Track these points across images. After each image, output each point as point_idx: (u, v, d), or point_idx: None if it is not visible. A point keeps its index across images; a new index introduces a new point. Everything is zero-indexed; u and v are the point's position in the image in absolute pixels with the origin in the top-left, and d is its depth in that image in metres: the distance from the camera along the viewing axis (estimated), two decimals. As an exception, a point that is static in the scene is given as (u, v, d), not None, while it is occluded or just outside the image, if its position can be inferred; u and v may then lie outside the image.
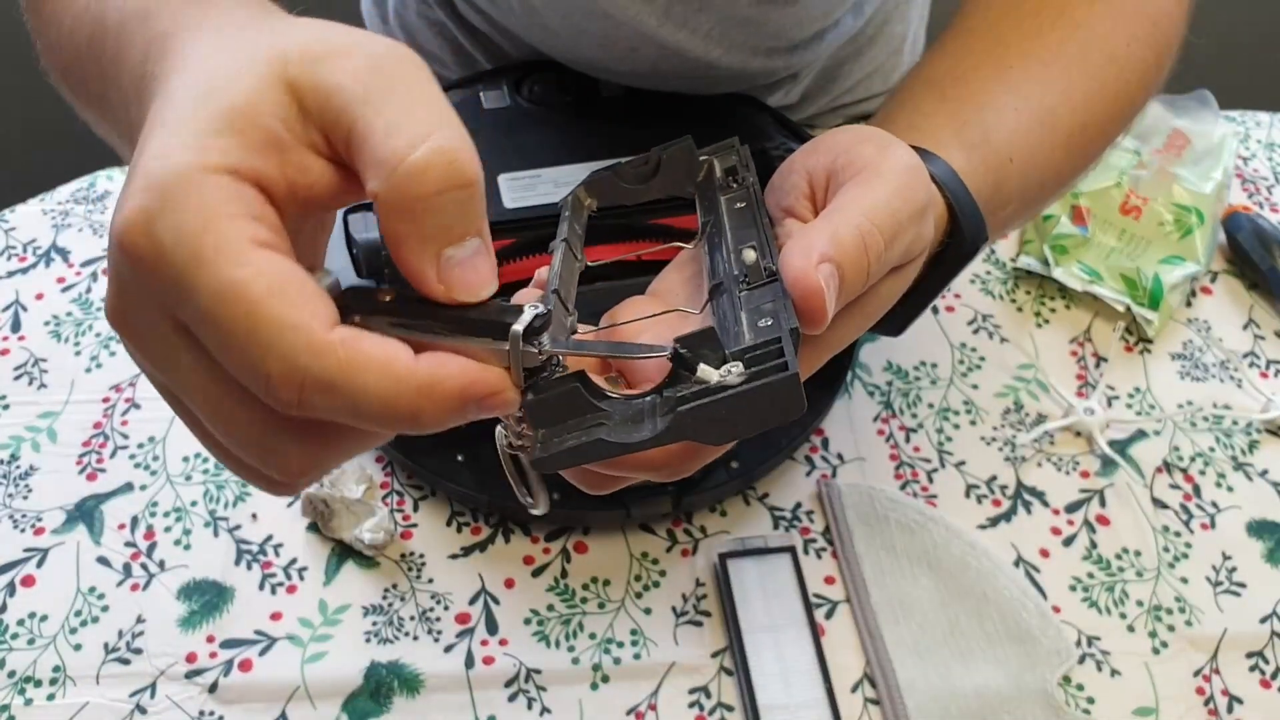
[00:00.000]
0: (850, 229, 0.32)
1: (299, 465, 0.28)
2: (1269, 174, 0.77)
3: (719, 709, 0.53)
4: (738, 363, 0.29)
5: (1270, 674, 0.55)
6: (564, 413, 0.29)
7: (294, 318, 0.25)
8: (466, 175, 0.27)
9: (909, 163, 0.35)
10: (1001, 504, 0.60)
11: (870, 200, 0.33)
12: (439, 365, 0.27)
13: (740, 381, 0.28)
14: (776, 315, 0.31)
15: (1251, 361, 0.67)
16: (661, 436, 0.29)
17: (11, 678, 0.53)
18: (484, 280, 0.28)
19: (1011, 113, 0.45)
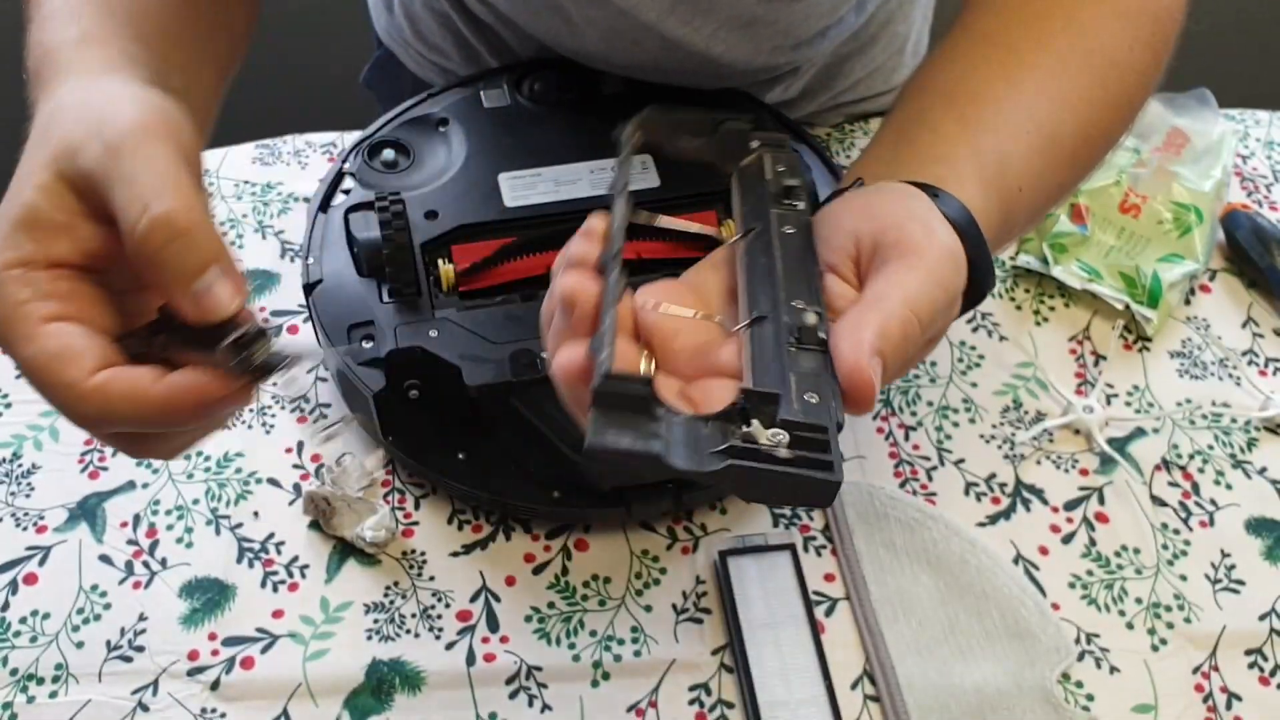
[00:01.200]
0: (897, 322, 0.34)
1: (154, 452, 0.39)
2: (1268, 172, 0.77)
3: (719, 706, 0.53)
4: (784, 433, 0.31)
5: (1269, 671, 0.55)
6: (625, 410, 0.31)
7: (65, 377, 0.35)
8: (179, 228, 0.34)
9: (950, 249, 0.37)
10: (1001, 502, 0.60)
11: (915, 290, 0.35)
12: (174, 384, 0.35)
13: (789, 460, 0.30)
14: (822, 393, 0.33)
15: (1250, 359, 0.67)
16: (706, 476, 0.31)
17: (14, 675, 0.53)
18: (225, 301, 0.35)
19: (1025, 137, 0.46)
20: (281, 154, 0.75)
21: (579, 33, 0.64)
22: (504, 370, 0.54)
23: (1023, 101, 0.47)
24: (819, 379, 0.33)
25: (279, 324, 0.67)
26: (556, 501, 0.57)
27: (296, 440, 0.62)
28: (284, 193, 0.73)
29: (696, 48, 0.62)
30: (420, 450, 0.58)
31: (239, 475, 0.60)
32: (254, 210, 0.72)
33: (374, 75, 0.86)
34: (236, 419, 0.62)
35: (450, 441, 0.58)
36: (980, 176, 0.44)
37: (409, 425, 0.58)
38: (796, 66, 0.72)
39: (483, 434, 0.58)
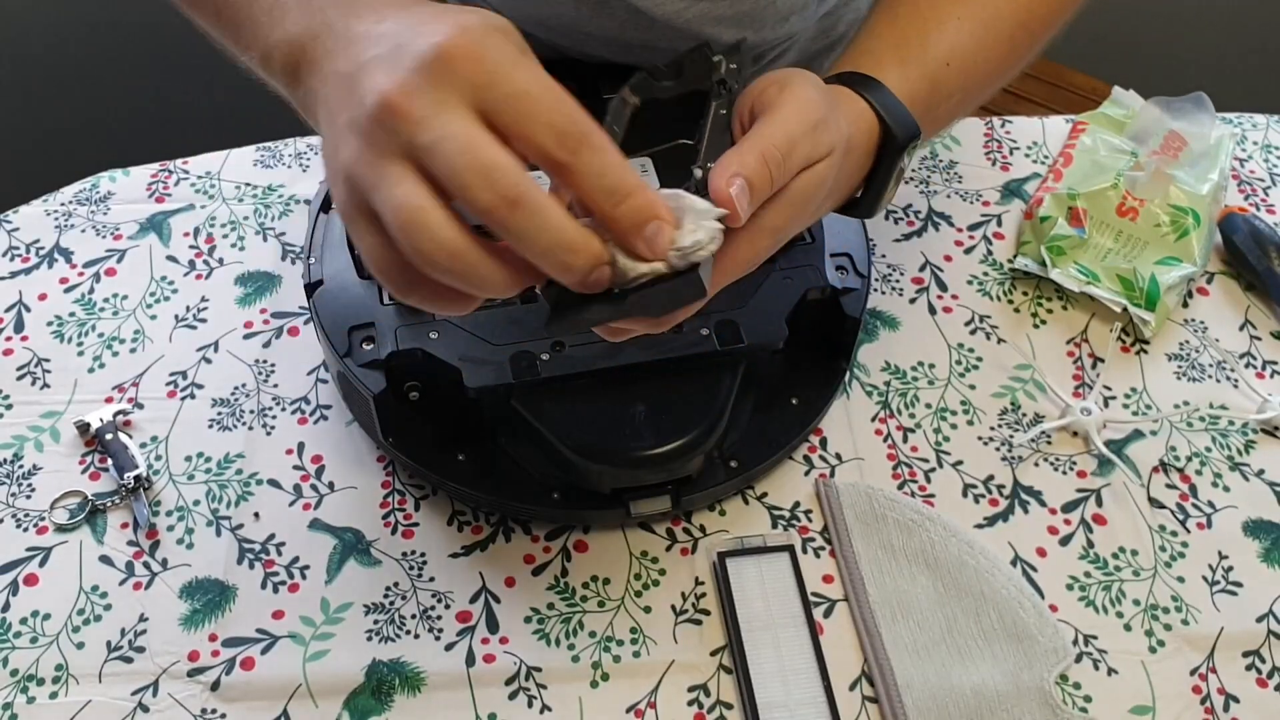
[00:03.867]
0: (752, 150, 0.42)
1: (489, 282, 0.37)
2: (1265, 175, 0.77)
3: (718, 707, 0.53)
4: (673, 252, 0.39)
5: (1266, 673, 0.55)
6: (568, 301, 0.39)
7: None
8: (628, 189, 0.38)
9: (802, 94, 0.44)
10: (999, 503, 0.60)
11: (768, 128, 0.42)
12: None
13: (663, 271, 0.39)
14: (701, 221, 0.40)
15: (1248, 362, 0.67)
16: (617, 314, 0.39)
17: (14, 676, 0.53)
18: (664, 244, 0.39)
19: (954, 22, 0.54)
20: (283, 156, 0.76)
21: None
22: (504, 372, 0.55)
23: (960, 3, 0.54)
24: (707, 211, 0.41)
25: (280, 325, 0.67)
26: (556, 503, 0.57)
27: (297, 441, 0.62)
28: (285, 195, 0.73)
29: (658, 13, 0.63)
30: (420, 452, 0.58)
31: (239, 476, 0.60)
32: (255, 212, 0.72)
33: None
34: (251, 420, 0.62)
35: (450, 443, 0.58)
36: (898, 57, 0.52)
37: (409, 427, 0.58)
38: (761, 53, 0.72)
39: (483, 436, 0.58)
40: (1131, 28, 1.60)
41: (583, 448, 0.54)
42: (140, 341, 0.66)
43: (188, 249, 0.70)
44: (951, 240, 0.73)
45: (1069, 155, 0.75)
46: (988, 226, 0.74)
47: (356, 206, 0.37)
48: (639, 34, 0.65)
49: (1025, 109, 1.43)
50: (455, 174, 0.35)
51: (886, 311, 0.69)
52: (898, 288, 0.70)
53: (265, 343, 0.66)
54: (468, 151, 0.35)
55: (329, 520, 0.59)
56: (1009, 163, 0.78)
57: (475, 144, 0.35)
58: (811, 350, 0.61)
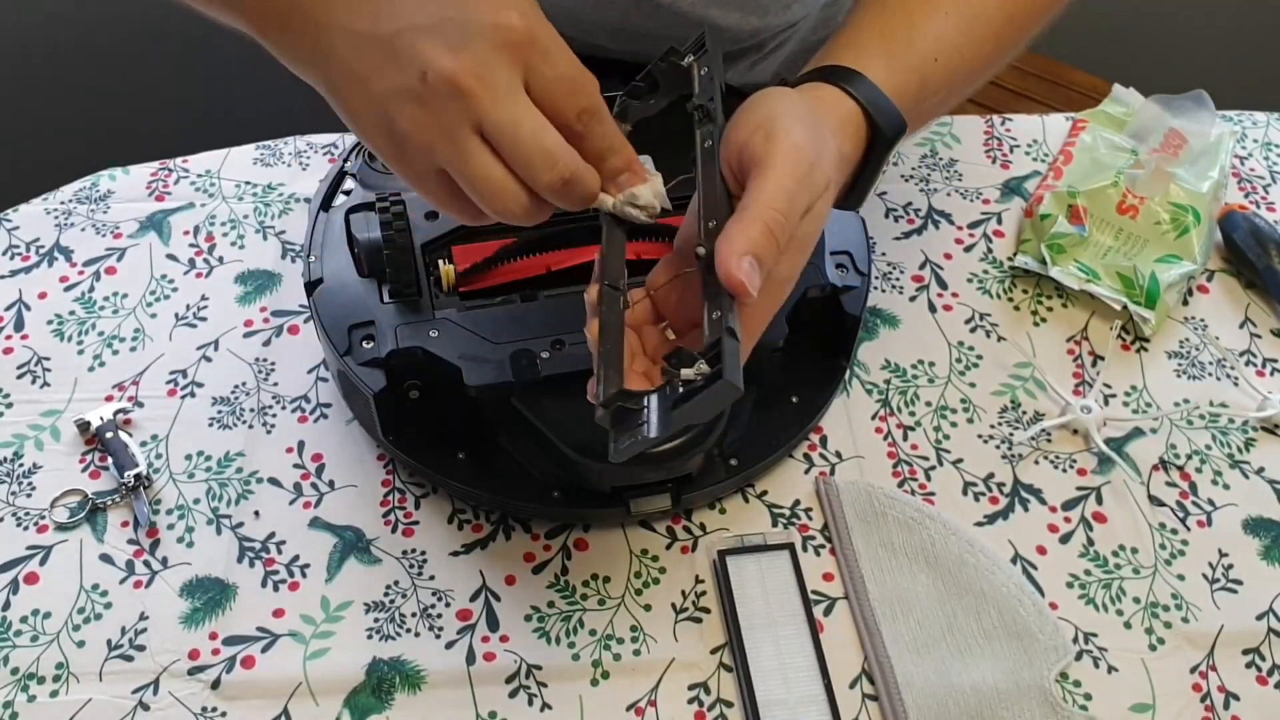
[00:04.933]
0: (756, 223, 0.42)
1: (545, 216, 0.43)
2: (1265, 173, 0.77)
3: (718, 705, 0.53)
4: (702, 360, 0.40)
5: (1267, 671, 0.55)
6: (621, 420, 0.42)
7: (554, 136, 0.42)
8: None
9: (789, 143, 0.44)
10: (999, 501, 0.60)
11: (765, 193, 0.42)
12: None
13: (700, 383, 0.40)
14: (720, 309, 0.41)
15: (1248, 360, 0.67)
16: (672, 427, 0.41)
17: (15, 675, 0.53)
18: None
19: (941, 16, 0.53)
20: (283, 155, 0.76)
21: None
22: (504, 370, 0.55)
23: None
24: (719, 296, 0.42)
25: (280, 323, 0.67)
26: (556, 501, 0.57)
27: (297, 439, 0.62)
28: (285, 193, 0.73)
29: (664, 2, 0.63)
30: (420, 450, 0.58)
31: (240, 475, 0.60)
32: (255, 211, 0.72)
33: None
34: (251, 419, 0.62)
35: (450, 441, 0.58)
36: (884, 49, 0.52)
37: (409, 425, 0.58)
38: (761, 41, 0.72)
39: (483, 434, 0.58)
40: (1132, 26, 1.60)
41: (583, 446, 0.54)
42: (140, 340, 0.66)
43: (188, 247, 0.70)
44: (951, 238, 0.73)
45: (1069, 153, 0.75)
46: (988, 224, 0.74)
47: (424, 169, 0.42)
48: (643, 22, 0.65)
49: (1025, 107, 1.43)
50: (525, 156, 0.40)
51: (886, 309, 0.69)
52: (898, 286, 0.70)
53: (265, 341, 0.66)
54: (536, 137, 0.40)
55: (329, 519, 0.59)
56: (1009, 160, 0.78)
57: (540, 130, 0.40)
58: (811, 348, 0.61)
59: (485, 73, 0.39)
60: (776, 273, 0.43)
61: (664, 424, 0.40)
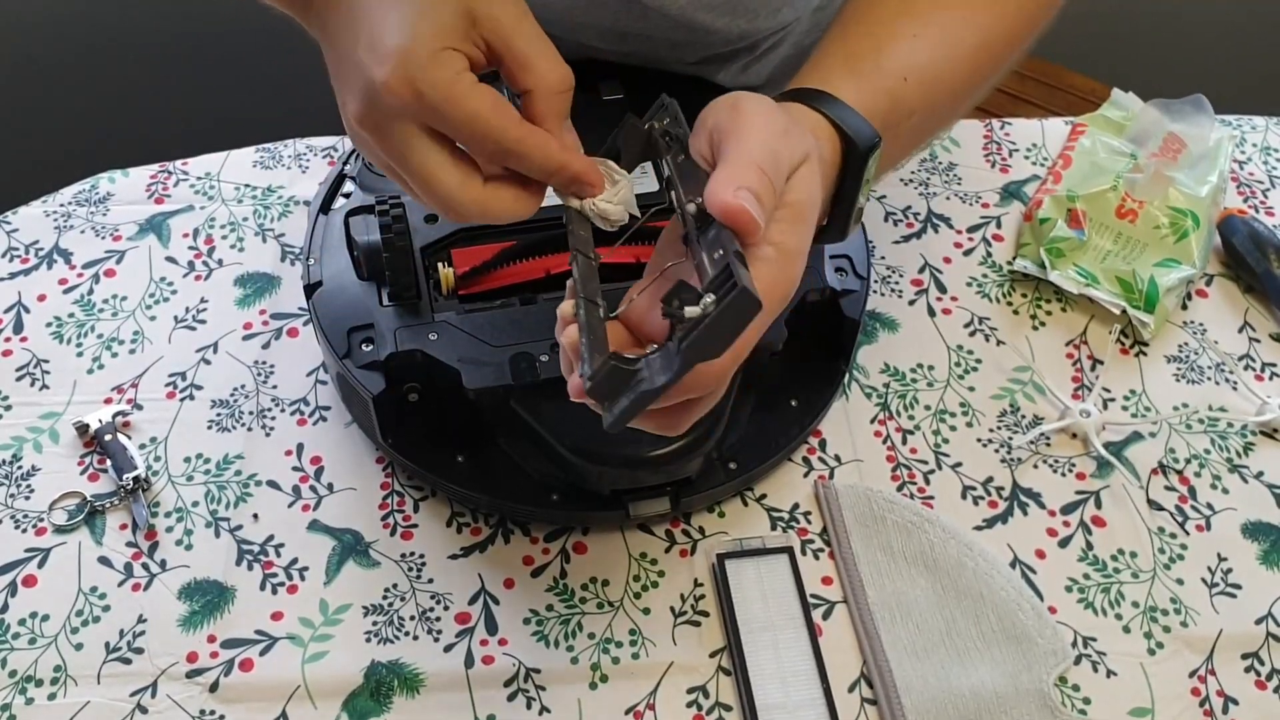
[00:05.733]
0: (739, 161, 0.41)
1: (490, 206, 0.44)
2: (1264, 178, 0.78)
3: (717, 708, 0.53)
4: (709, 294, 0.37)
5: (1265, 675, 0.55)
6: (616, 384, 0.38)
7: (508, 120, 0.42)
8: (570, 84, 0.44)
9: (759, 107, 0.44)
10: (998, 505, 0.60)
11: (745, 143, 0.42)
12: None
13: (712, 308, 0.37)
14: (723, 245, 0.39)
15: (1247, 364, 0.67)
16: (680, 370, 0.37)
17: (13, 677, 0.53)
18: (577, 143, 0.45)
19: (909, 38, 0.53)
20: (282, 158, 0.76)
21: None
22: (503, 373, 0.55)
23: (913, 12, 0.53)
24: (719, 237, 0.40)
25: (280, 326, 0.67)
26: (555, 504, 0.57)
27: (296, 442, 0.62)
28: (285, 196, 0.73)
29: (669, 11, 0.63)
30: (419, 453, 0.58)
31: (238, 478, 0.60)
32: (255, 213, 0.72)
33: None
34: (250, 423, 0.62)
35: (449, 444, 0.58)
36: (850, 70, 0.51)
37: (408, 428, 0.58)
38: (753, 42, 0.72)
39: (482, 437, 0.58)
40: (1131, 30, 1.60)
41: (582, 449, 0.54)
42: (139, 342, 0.66)
43: (187, 250, 0.70)
44: (951, 242, 0.73)
45: (1068, 157, 0.75)
46: (987, 228, 0.74)
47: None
48: (633, 23, 0.65)
49: (1024, 111, 1.43)
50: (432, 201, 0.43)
51: (886, 313, 0.69)
52: (897, 289, 0.70)
53: (264, 344, 0.66)
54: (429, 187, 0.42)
55: (328, 521, 0.59)
56: (1008, 165, 0.78)
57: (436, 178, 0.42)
58: (811, 352, 0.61)
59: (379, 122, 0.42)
60: (785, 243, 0.41)
61: (673, 366, 0.37)
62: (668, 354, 0.38)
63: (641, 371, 0.38)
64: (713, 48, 0.71)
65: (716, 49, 0.71)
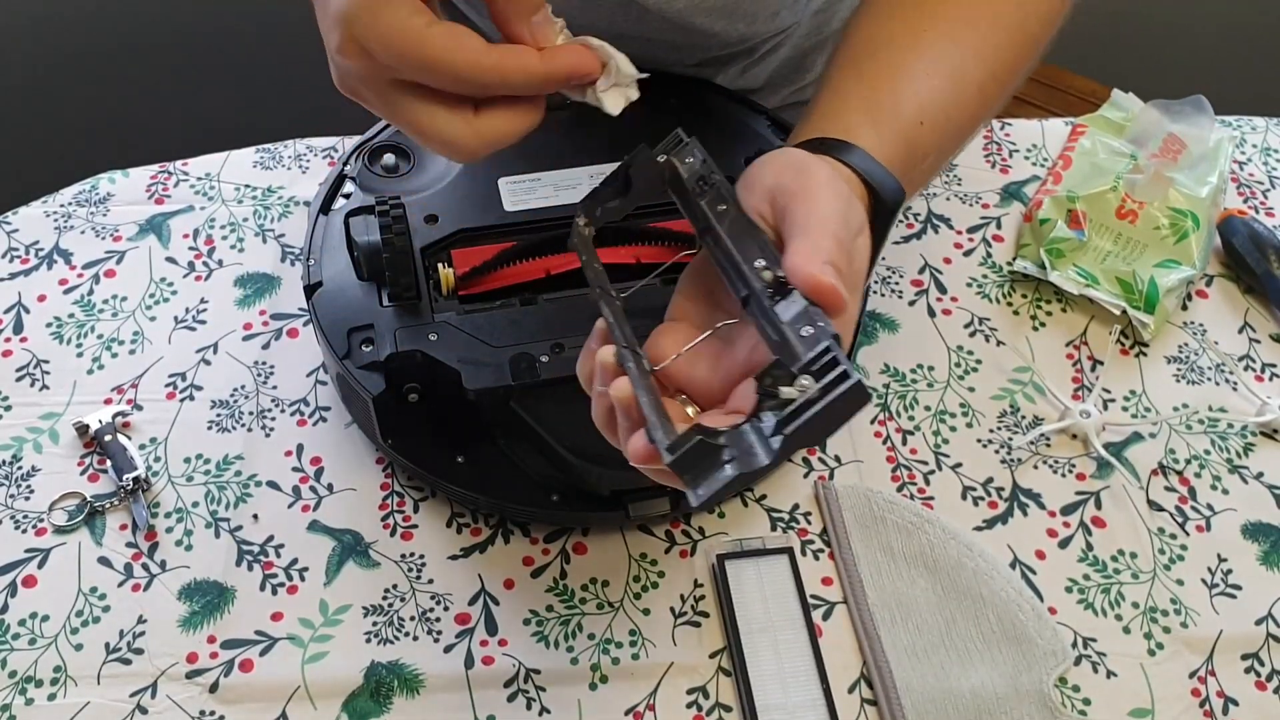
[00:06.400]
0: (825, 235, 0.40)
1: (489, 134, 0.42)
2: (1264, 178, 0.78)
3: (717, 709, 0.53)
4: (806, 376, 0.36)
5: (1265, 675, 0.55)
6: (700, 460, 0.36)
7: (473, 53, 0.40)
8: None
9: (822, 177, 0.43)
10: (998, 506, 0.60)
11: (818, 213, 0.41)
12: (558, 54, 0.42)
13: (820, 395, 0.35)
14: (813, 322, 0.37)
15: (1247, 365, 0.67)
16: (779, 456, 0.35)
17: (13, 678, 0.53)
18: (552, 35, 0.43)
19: (923, 79, 0.52)
20: (282, 158, 0.76)
21: None
22: (503, 374, 0.55)
23: (922, 48, 0.53)
24: (806, 313, 0.38)
25: (280, 327, 0.67)
26: (555, 505, 0.57)
27: (296, 443, 0.62)
28: (285, 197, 0.73)
29: (666, 14, 0.62)
30: (419, 453, 0.58)
31: (238, 478, 0.60)
32: (255, 214, 0.72)
33: None
34: (251, 425, 0.62)
35: (449, 445, 0.58)
36: (871, 119, 0.50)
37: (408, 428, 0.58)
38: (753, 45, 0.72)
39: (482, 437, 0.58)
40: (1131, 31, 1.60)
41: (581, 450, 0.54)
42: (139, 343, 0.66)
43: (187, 250, 0.70)
44: (951, 243, 0.73)
45: (1068, 158, 0.75)
46: (987, 229, 0.74)
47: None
48: (630, 25, 0.65)
49: (1024, 111, 1.43)
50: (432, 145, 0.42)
51: (886, 314, 0.69)
52: (897, 290, 0.70)
53: (264, 344, 0.66)
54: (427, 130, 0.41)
55: (328, 522, 0.59)
56: (1008, 165, 0.78)
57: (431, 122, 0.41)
58: (811, 352, 0.61)
59: (353, 87, 0.42)
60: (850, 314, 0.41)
61: (771, 449, 0.35)
62: (760, 434, 0.36)
63: (729, 450, 0.36)
64: (711, 50, 0.71)
65: (715, 52, 0.71)
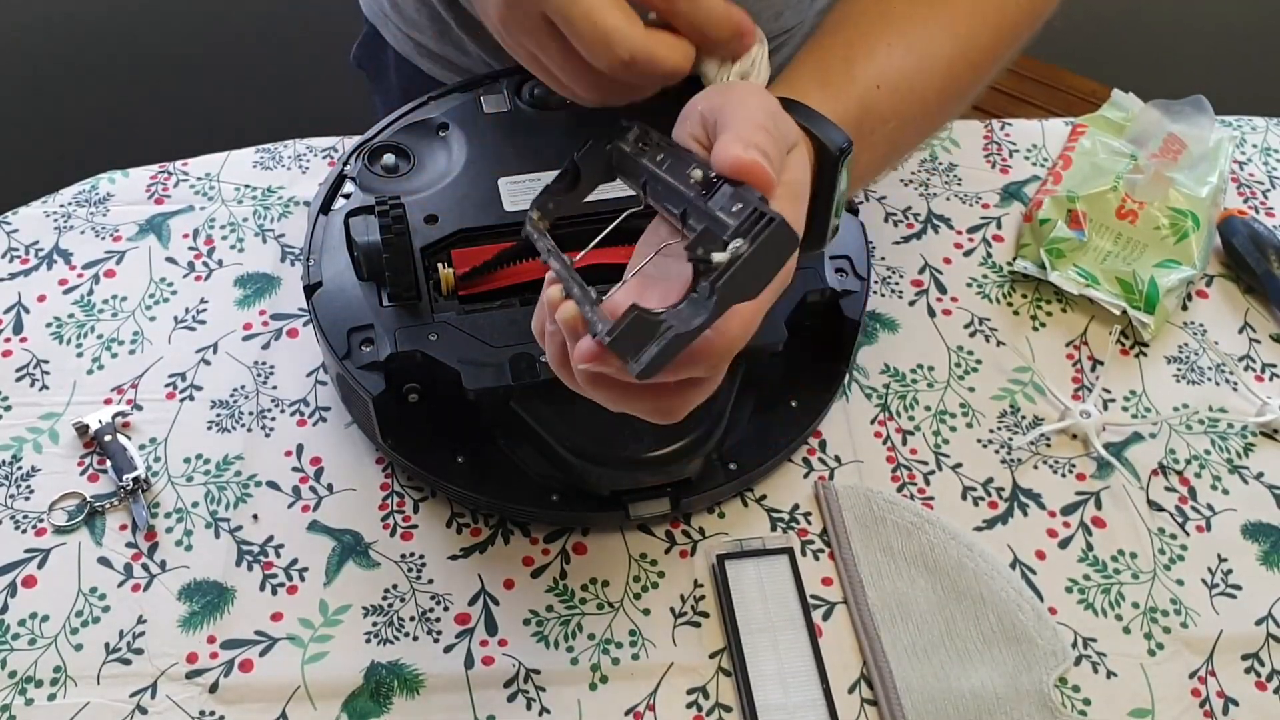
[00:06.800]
0: (748, 124, 0.41)
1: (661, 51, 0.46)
2: (1264, 178, 0.78)
3: (717, 709, 0.53)
4: (736, 239, 0.36)
5: (1266, 676, 0.55)
6: (640, 336, 0.37)
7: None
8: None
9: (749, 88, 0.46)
10: (998, 506, 0.60)
11: (744, 111, 0.42)
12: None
13: (750, 245, 0.36)
14: (742, 199, 0.38)
15: (1247, 365, 0.67)
16: (715, 311, 0.36)
17: (13, 678, 0.53)
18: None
19: (884, 48, 0.53)
20: (282, 158, 0.76)
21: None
22: (503, 374, 0.55)
23: (888, 21, 0.54)
24: (736, 194, 0.39)
25: (279, 327, 0.67)
26: (555, 505, 0.57)
27: (296, 443, 0.62)
28: (285, 197, 0.73)
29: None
30: (419, 453, 0.58)
31: (238, 478, 0.60)
32: (255, 214, 0.72)
33: (361, 53, 0.87)
34: (251, 421, 0.62)
35: (449, 445, 0.58)
36: (819, 80, 0.51)
37: (408, 428, 0.58)
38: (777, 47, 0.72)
39: (481, 437, 0.58)
40: (1131, 31, 1.60)
41: (581, 450, 0.54)
42: (139, 343, 0.66)
43: (187, 250, 0.70)
44: (951, 243, 0.73)
45: (1068, 158, 0.75)
46: (987, 229, 0.74)
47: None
48: None
49: (1024, 111, 1.43)
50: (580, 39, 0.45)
51: (886, 314, 0.69)
52: (897, 290, 0.70)
53: (264, 344, 0.66)
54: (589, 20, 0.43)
55: (328, 522, 0.59)
56: (1008, 165, 0.78)
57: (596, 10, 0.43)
58: (811, 353, 0.61)
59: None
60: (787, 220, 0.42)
61: (707, 308, 0.36)
62: (696, 301, 0.37)
63: (667, 321, 0.37)
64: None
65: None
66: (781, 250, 0.37)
